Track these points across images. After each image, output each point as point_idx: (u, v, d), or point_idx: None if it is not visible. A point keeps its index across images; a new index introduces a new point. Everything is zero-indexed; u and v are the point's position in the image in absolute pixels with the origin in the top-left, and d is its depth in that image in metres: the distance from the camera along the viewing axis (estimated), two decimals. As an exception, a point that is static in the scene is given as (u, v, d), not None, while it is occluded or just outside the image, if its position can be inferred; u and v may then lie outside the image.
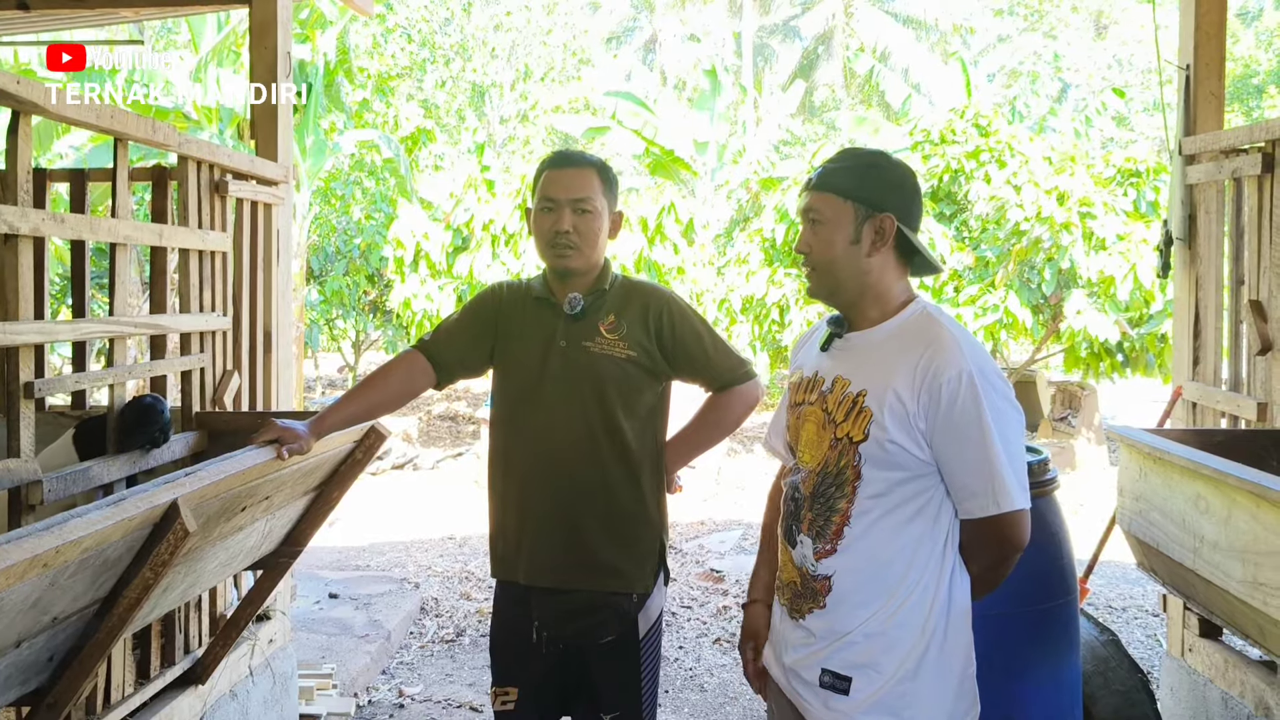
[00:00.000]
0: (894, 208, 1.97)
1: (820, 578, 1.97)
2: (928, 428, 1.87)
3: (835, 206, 1.97)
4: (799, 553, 2.03)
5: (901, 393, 1.88)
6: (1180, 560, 2.56)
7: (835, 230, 1.97)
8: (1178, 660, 3.74)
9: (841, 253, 1.97)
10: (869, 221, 1.96)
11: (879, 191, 1.97)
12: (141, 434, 2.92)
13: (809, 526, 2.00)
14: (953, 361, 1.86)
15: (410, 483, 10.30)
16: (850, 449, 1.93)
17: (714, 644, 5.33)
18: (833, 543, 1.95)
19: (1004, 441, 1.85)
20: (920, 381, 1.87)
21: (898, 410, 1.88)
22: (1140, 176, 10.11)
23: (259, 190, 3.60)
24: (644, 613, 2.61)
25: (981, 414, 1.84)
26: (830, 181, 1.99)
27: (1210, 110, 3.60)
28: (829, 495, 1.96)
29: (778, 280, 10.36)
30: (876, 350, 1.97)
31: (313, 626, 5.27)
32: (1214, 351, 3.55)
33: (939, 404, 1.85)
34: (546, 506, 2.56)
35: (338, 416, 2.56)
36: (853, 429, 1.92)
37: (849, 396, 1.95)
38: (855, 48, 25.40)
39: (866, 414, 1.91)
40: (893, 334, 1.98)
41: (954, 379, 1.85)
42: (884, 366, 1.93)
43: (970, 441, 1.84)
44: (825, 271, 2.00)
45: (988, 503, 1.85)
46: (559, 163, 2.63)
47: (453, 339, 2.68)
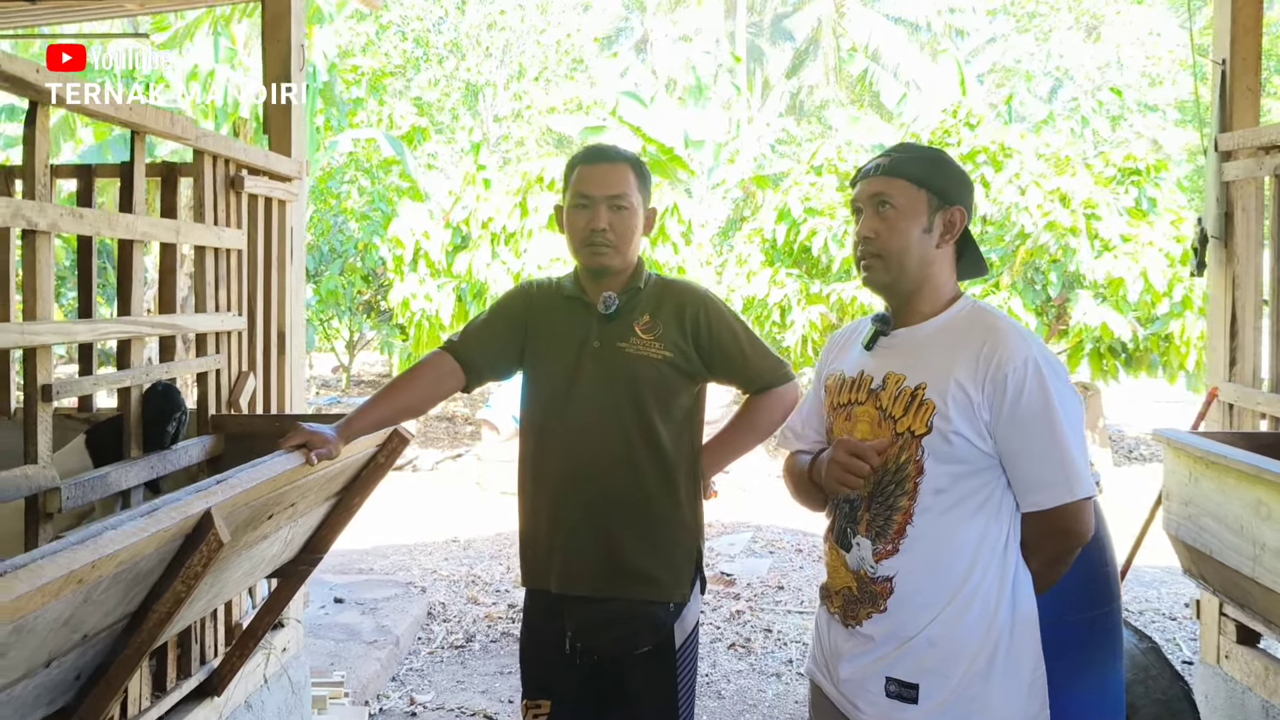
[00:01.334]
0: (963, 201, 1.97)
1: (880, 580, 1.92)
2: (992, 419, 1.83)
3: (910, 194, 1.93)
4: (855, 556, 1.96)
5: (965, 383, 1.85)
6: (1236, 567, 2.49)
7: (909, 218, 1.94)
8: (1212, 667, 3.67)
9: (913, 241, 1.94)
10: (941, 212, 1.94)
11: (951, 183, 1.96)
12: (167, 420, 2.84)
13: (867, 527, 1.94)
14: (1017, 350, 1.84)
15: (410, 485, 10.20)
16: (913, 443, 1.88)
17: (729, 649, 5.25)
18: (894, 542, 1.90)
19: (1072, 429, 1.82)
20: (984, 371, 1.84)
21: (961, 401, 1.84)
22: (1140, 175, 10.08)
23: (274, 186, 3.50)
24: (680, 622, 2.53)
25: (1050, 401, 1.81)
26: (903, 169, 1.95)
27: (1247, 105, 3.53)
28: (889, 493, 1.91)
29: (779, 280, 10.30)
30: (929, 344, 1.94)
31: (320, 632, 5.18)
32: (1252, 352, 3.48)
33: (1005, 393, 1.82)
34: (580, 513, 2.48)
35: (366, 420, 2.47)
36: (914, 422, 1.88)
37: (906, 390, 1.91)
38: (848, 47, 25.37)
39: (928, 406, 1.86)
40: (944, 328, 1.94)
41: (1020, 367, 1.81)
42: (942, 359, 1.89)
43: (1040, 430, 1.81)
44: (893, 259, 1.95)
45: (1060, 491, 1.81)
46: (593, 158, 2.54)
47: (481, 340, 2.60)
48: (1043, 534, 1.87)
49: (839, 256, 9.98)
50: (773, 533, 7.73)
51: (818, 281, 10.27)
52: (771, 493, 9.39)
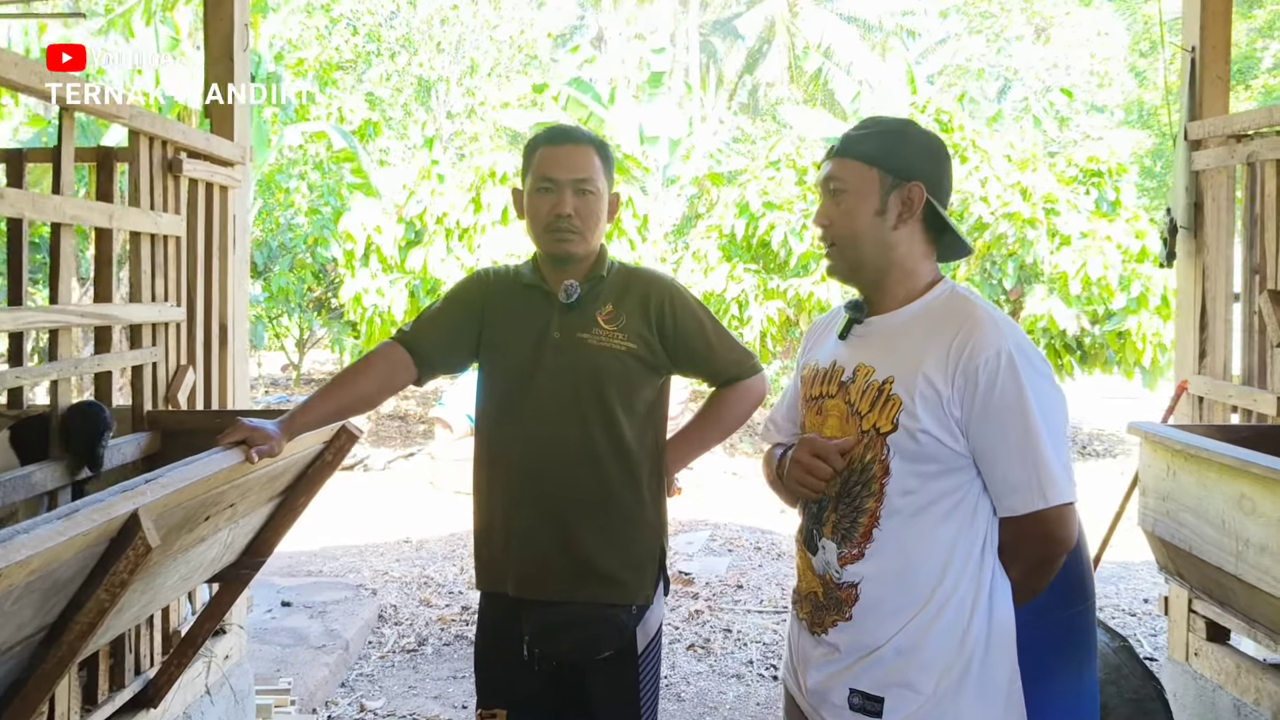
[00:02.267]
0: (923, 176, 1.80)
1: (845, 586, 1.79)
2: (963, 415, 1.70)
3: (859, 174, 1.80)
4: (821, 559, 1.84)
5: (933, 377, 1.71)
6: (1218, 564, 2.41)
7: (859, 200, 1.80)
8: (1181, 665, 3.62)
9: (865, 225, 1.80)
10: (896, 191, 1.80)
11: (907, 158, 1.81)
12: (95, 443, 2.65)
13: (833, 530, 1.81)
14: (989, 340, 1.70)
15: (361, 484, 9.99)
16: (877, 441, 1.75)
17: (688, 650, 5.14)
18: (860, 546, 1.78)
19: (1049, 428, 1.69)
20: (954, 364, 1.71)
21: (929, 397, 1.71)
22: (1101, 176, 10.13)
23: (215, 171, 3.33)
24: (643, 625, 2.42)
25: (1024, 397, 1.68)
26: (854, 147, 1.83)
27: (1217, 93, 3.48)
28: (855, 494, 1.78)
29: (737, 276, 10.23)
30: (902, 333, 1.80)
31: (266, 637, 4.99)
32: (1223, 344, 3.42)
33: (976, 387, 1.69)
34: (538, 511, 2.36)
35: (311, 415, 2.33)
36: (879, 419, 1.75)
37: (874, 384, 1.77)
38: (802, 46, 25.42)
39: (895, 402, 1.73)
40: (919, 315, 1.81)
41: (992, 359, 1.69)
42: (912, 350, 1.76)
43: (1012, 428, 1.68)
44: (847, 245, 1.83)
45: (1033, 496, 1.69)
46: (556, 139, 2.41)
47: (434, 330, 2.46)
48: (1020, 541, 1.75)
49: (797, 251, 9.93)
50: (731, 530, 7.63)
51: (776, 277, 10.21)
52: (729, 490, 9.30)
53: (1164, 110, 19.00)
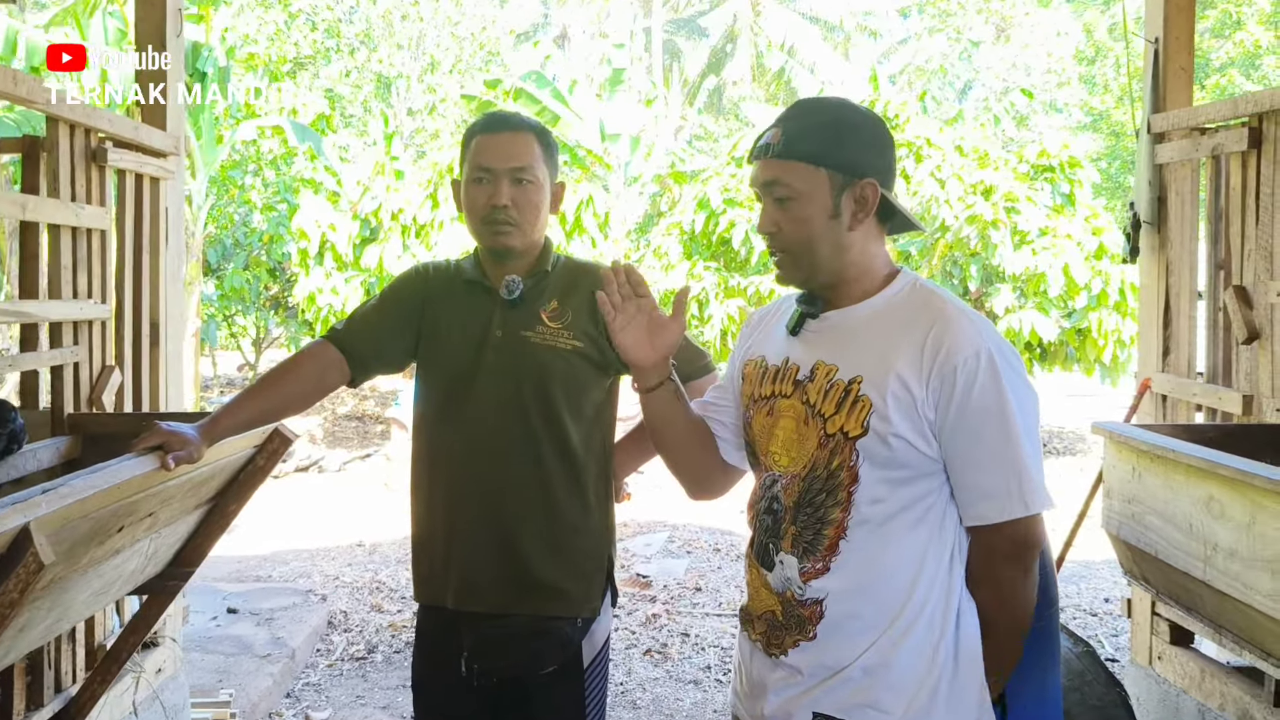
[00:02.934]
0: (874, 170, 1.67)
1: (809, 603, 1.66)
2: (938, 418, 1.59)
3: (806, 177, 1.65)
4: (779, 575, 1.70)
5: (907, 377, 1.59)
6: (1185, 569, 2.33)
7: (809, 205, 1.66)
8: (1144, 669, 3.55)
9: (819, 231, 1.66)
10: (848, 190, 1.66)
11: (853, 153, 1.66)
12: None
13: (793, 543, 1.68)
14: (968, 340, 1.59)
15: (315, 486, 9.80)
16: (846, 446, 1.62)
17: (645, 655, 5.03)
18: (825, 560, 1.65)
19: (1028, 432, 1.60)
20: (930, 363, 1.59)
21: (903, 398, 1.59)
22: (1054, 171, 10.14)
23: (144, 162, 3.18)
24: (589, 639, 2.29)
25: (1004, 400, 1.57)
26: (795, 146, 1.66)
27: (1180, 85, 3.41)
28: (819, 503, 1.65)
29: (697, 274, 10.14)
30: (866, 329, 1.67)
31: (209, 646, 4.83)
32: (1187, 341, 3.35)
33: (953, 389, 1.57)
34: (479, 520, 2.23)
35: (234, 418, 2.19)
36: (848, 422, 1.62)
37: (838, 384, 1.64)
38: (764, 45, 25.44)
39: (864, 404, 1.61)
40: (883, 310, 1.68)
41: (971, 359, 1.58)
42: (881, 347, 1.63)
43: (991, 432, 1.58)
44: (801, 255, 1.69)
45: (1012, 504, 1.58)
46: (493, 126, 2.28)
47: (369, 328, 2.33)
48: (989, 554, 1.64)
49: (758, 248, 9.86)
50: (690, 532, 7.53)
51: (736, 275, 10.13)
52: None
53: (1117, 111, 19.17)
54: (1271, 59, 16.48)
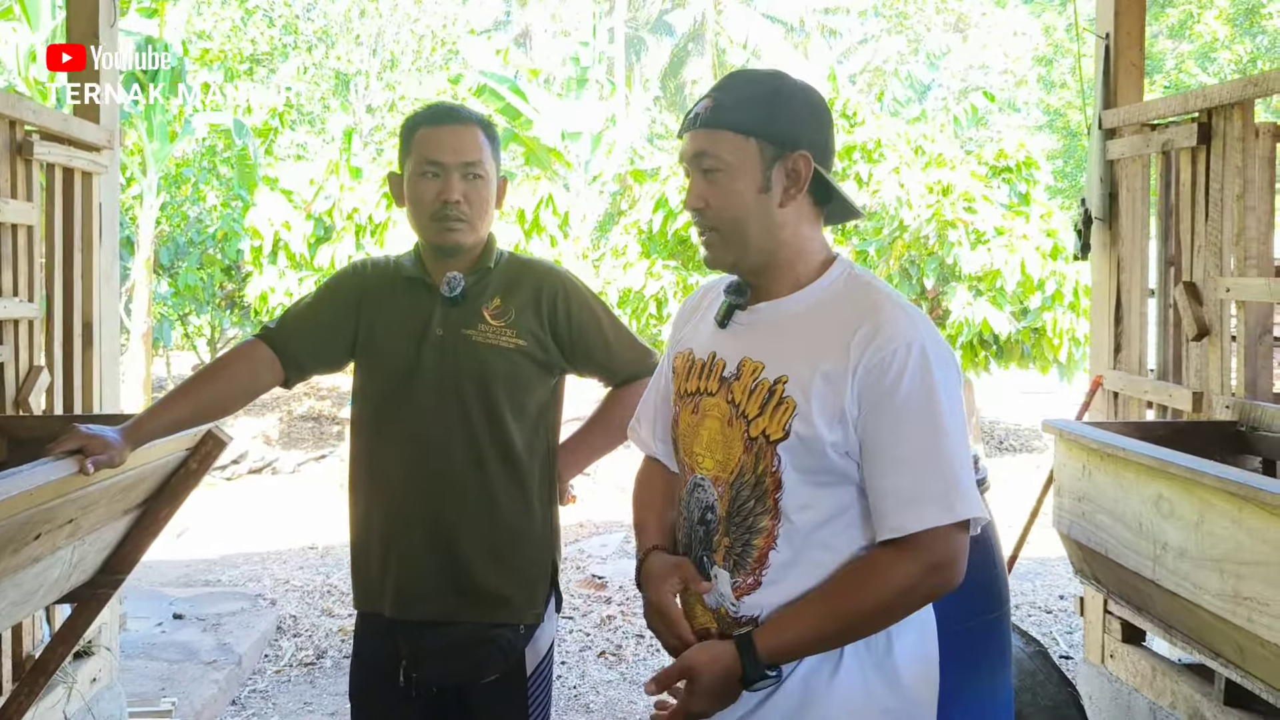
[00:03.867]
0: (808, 142, 1.55)
1: (744, 620, 1.56)
2: (862, 415, 1.47)
3: (735, 147, 1.55)
4: (714, 591, 1.61)
5: (832, 375, 1.49)
6: (1135, 569, 2.31)
7: (738, 178, 1.54)
8: (1097, 667, 3.54)
9: (748, 206, 1.55)
10: (779, 163, 1.55)
11: (786, 123, 1.55)
12: None
13: (725, 556, 1.58)
14: (900, 332, 1.48)
15: (269, 488, 9.66)
16: (768, 450, 1.52)
17: (599, 658, 4.97)
18: (756, 573, 1.55)
19: (957, 434, 1.47)
20: (857, 358, 1.48)
21: (825, 397, 1.48)
22: (1012, 171, 10.20)
23: (75, 155, 3.08)
24: (532, 646, 2.24)
25: (935, 398, 1.46)
26: (725, 116, 1.56)
27: (1131, 81, 3.40)
28: (748, 511, 1.55)
29: (655, 272, 10.09)
30: (796, 323, 1.57)
31: (152, 653, 4.71)
32: (1138, 338, 3.34)
33: (880, 383, 1.46)
34: (418, 525, 2.17)
35: (159, 420, 2.11)
36: (770, 425, 1.52)
37: (763, 384, 1.54)
38: (725, 44, 25.47)
39: (788, 405, 1.50)
40: (815, 302, 1.57)
41: (902, 352, 1.47)
42: (809, 344, 1.53)
43: (919, 431, 1.45)
44: (731, 231, 1.57)
45: (937, 510, 1.44)
46: (440, 118, 2.22)
47: (304, 326, 2.26)
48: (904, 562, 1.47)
49: (716, 247, 9.82)
50: (648, 532, 7.47)
51: (695, 273, 10.10)
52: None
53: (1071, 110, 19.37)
54: (1226, 54, 16.69)
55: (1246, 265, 2.81)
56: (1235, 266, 2.86)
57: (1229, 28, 16.86)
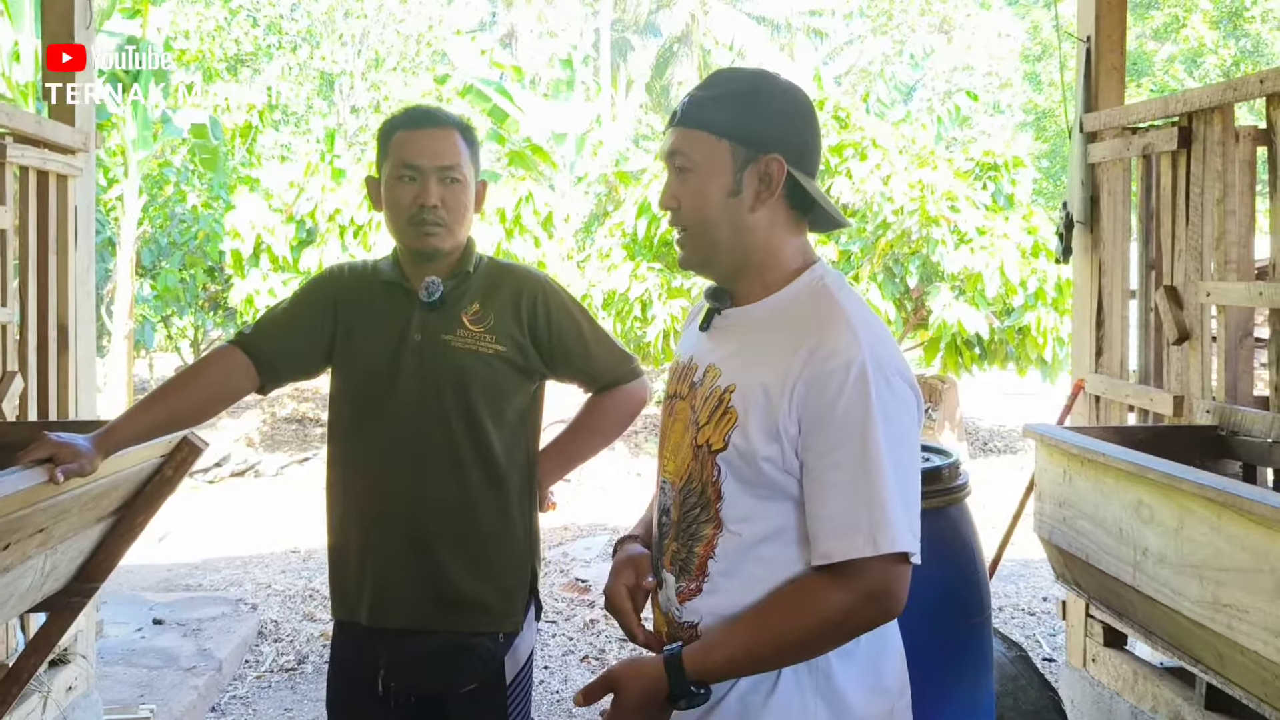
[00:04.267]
0: (781, 145, 1.51)
1: (686, 626, 1.54)
2: (801, 434, 1.43)
3: (706, 147, 1.51)
4: (664, 594, 1.60)
5: (771, 389, 1.45)
6: (1116, 574, 2.30)
7: (708, 179, 1.51)
8: (1078, 671, 3.54)
9: (717, 208, 1.51)
10: (751, 166, 1.51)
11: (762, 124, 1.51)
12: None
13: (672, 559, 1.57)
14: (841, 347, 1.42)
15: (251, 491, 9.59)
16: (709, 460, 1.50)
17: (582, 662, 4.95)
18: (698, 580, 1.53)
19: (894, 460, 1.40)
20: (798, 373, 1.43)
21: (763, 409, 1.45)
22: (997, 170, 10.23)
23: (49, 158, 3.04)
24: (511, 655, 2.23)
25: (869, 419, 1.39)
26: (699, 114, 1.53)
27: (1112, 84, 3.40)
28: (693, 519, 1.54)
29: (640, 275, 10.08)
30: (757, 331, 1.53)
31: (132, 659, 4.67)
32: (1119, 341, 3.34)
33: (819, 401, 1.41)
34: (395, 532, 2.16)
35: (132, 428, 2.08)
36: (713, 434, 1.50)
37: (715, 391, 1.52)
38: (711, 45, 25.49)
39: (731, 415, 1.48)
40: (778, 310, 1.53)
41: (840, 370, 1.41)
42: (759, 354, 1.49)
43: (851, 456, 1.39)
44: (700, 233, 1.54)
45: (857, 540, 1.38)
46: (418, 121, 2.20)
47: (279, 332, 2.24)
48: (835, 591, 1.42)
49: (700, 249, 9.82)
50: (632, 535, 7.45)
51: (679, 276, 10.09)
52: (631, 492, 9.12)
53: (1056, 112, 19.45)
54: (1213, 58, 16.79)
55: (1226, 270, 2.81)
56: (1215, 271, 2.86)
57: (1215, 31, 16.96)
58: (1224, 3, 17.30)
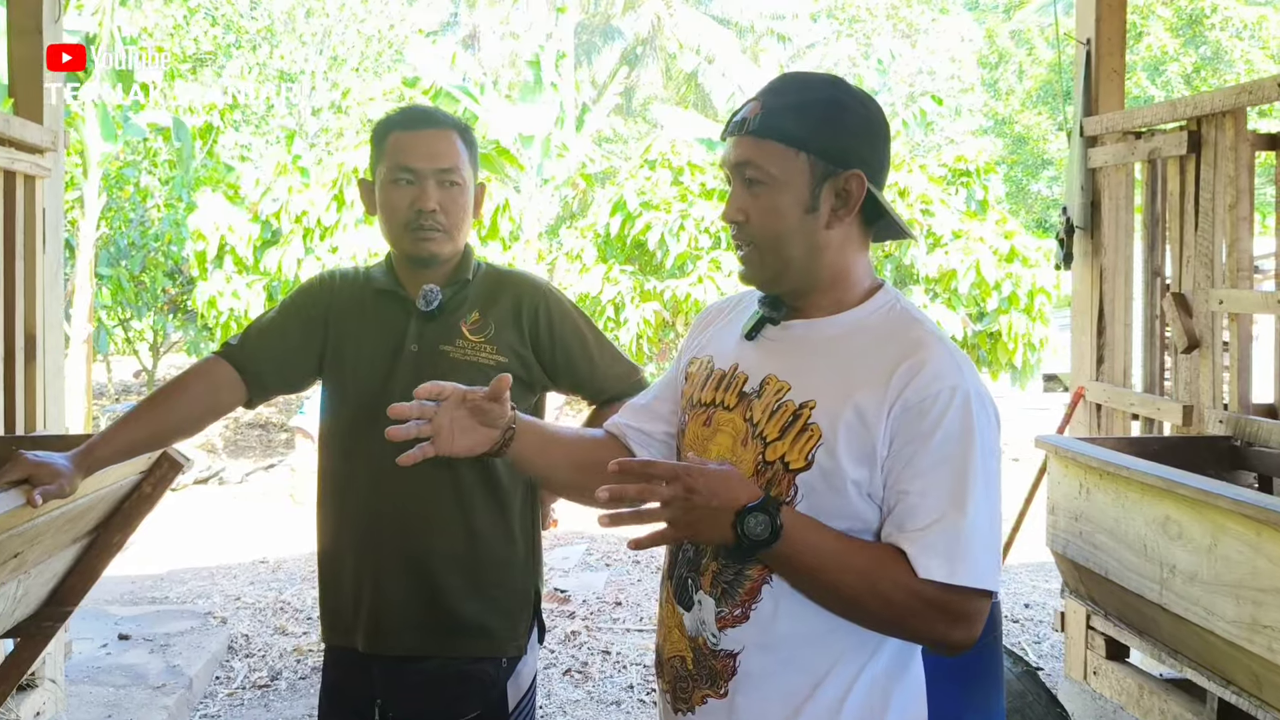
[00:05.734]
0: (862, 161, 1.43)
1: (723, 654, 1.44)
2: (890, 456, 1.35)
3: (783, 161, 1.42)
4: (694, 617, 1.48)
5: (866, 409, 1.36)
6: (1138, 591, 2.23)
7: (783, 193, 1.42)
8: (1079, 684, 3.48)
9: (792, 225, 1.42)
10: (829, 181, 1.42)
11: (843, 139, 1.43)
12: None
13: (713, 581, 1.45)
14: (946, 373, 1.36)
15: (216, 499, 9.40)
16: (785, 478, 1.39)
17: (564, 676, 4.84)
18: (744, 606, 1.42)
19: (987, 493, 1.34)
20: (896, 394, 1.35)
21: (857, 432, 1.36)
22: (970, 176, 10.25)
23: (16, 158, 2.90)
24: (514, 681, 2.12)
25: (970, 451, 1.33)
26: (776, 125, 1.43)
27: (1113, 88, 3.34)
28: None
29: (613, 277, 10.00)
30: (830, 348, 1.44)
31: (98, 677, 4.50)
32: (1122, 349, 3.29)
33: (918, 425, 1.34)
34: (393, 553, 2.05)
35: (112, 446, 1.96)
36: (790, 452, 1.39)
37: (787, 406, 1.41)
38: (675, 48, 25.46)
39: (813, 433, 1.38)
40: (855, 329, 1.45)
41: (945, 395, 1.35)
42: (843, 370, 1.41)
43: (947, 484, 1.33)
44: (770, 250, 1.44)
45: (939, 565, 1.31)
46: (415, 122, 2.10)
47: (268, 345, 2.13)
48: None
49: (674, 252, 9.75)
50: (609, 543, 7.36)
51: (652, 278, 10.01)
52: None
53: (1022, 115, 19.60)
54: (1175, 66, 16.97)
55: (1239, 277, 2.76)
56: (1228, 278, 2.80)
57: (1176, 38, 17.15)
58: (1184, 10, 17.50)
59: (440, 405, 1.57)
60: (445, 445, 1.57)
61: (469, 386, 1.58)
